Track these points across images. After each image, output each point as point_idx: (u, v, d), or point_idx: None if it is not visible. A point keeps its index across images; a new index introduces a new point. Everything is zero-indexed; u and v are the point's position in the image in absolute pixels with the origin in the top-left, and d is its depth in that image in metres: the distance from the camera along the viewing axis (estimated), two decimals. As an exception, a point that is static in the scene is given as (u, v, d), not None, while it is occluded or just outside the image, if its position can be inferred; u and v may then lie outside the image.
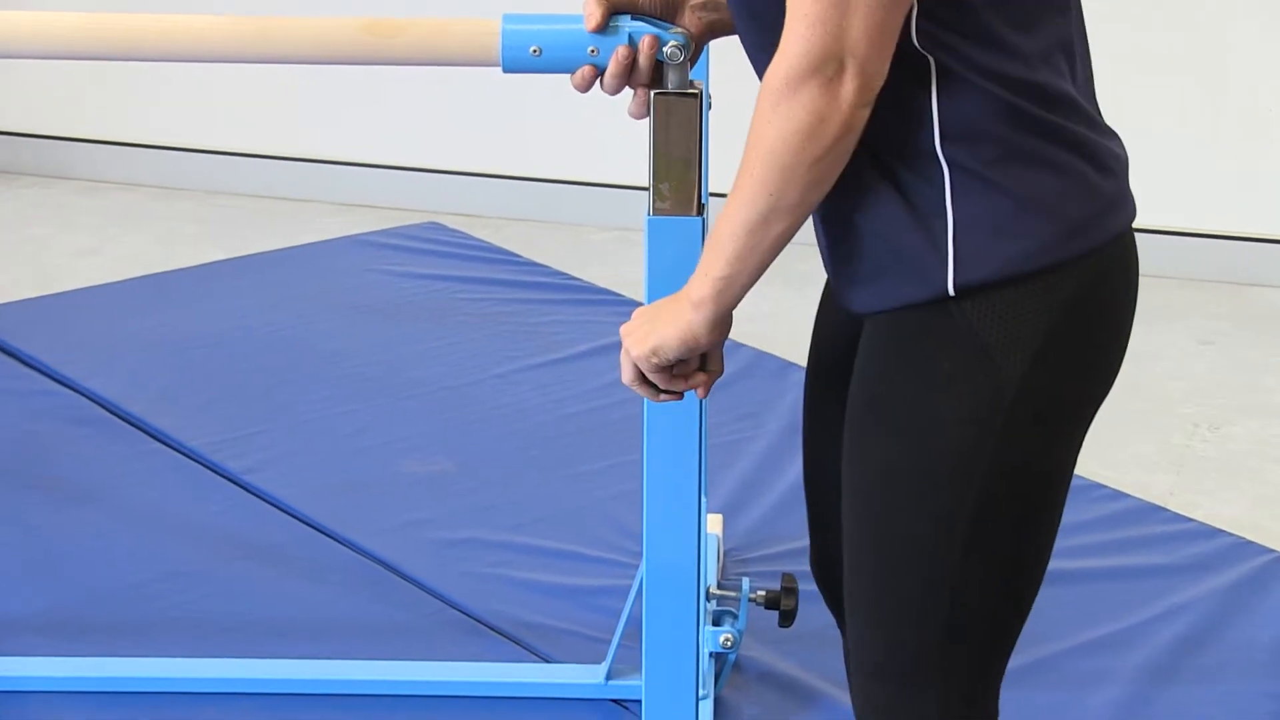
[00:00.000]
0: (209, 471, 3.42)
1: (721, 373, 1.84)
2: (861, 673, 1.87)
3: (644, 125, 1.98)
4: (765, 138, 1.65)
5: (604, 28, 1.93)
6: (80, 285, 4.41)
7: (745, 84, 1.89)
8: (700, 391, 1.84)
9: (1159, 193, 4.62)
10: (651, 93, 1.91)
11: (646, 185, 1.96)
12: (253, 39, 2.00)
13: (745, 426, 3.59)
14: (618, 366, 1.84)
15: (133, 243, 4.91)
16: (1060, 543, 3.17)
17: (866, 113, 1.64)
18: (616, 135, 4.46)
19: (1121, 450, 3.67)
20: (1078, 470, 3.50)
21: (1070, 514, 3.26)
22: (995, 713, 1.88)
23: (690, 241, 1.93)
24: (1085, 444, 3.67)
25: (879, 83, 1.64)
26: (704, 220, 1.94)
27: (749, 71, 1.78)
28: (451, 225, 4.80)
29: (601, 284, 4.40)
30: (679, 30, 1.94)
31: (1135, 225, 1.80)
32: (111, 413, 3.63)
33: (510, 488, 3.39)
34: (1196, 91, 4.55)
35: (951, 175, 1.69)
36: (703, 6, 2.00)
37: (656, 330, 1.78)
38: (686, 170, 1.92)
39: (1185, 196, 4.63)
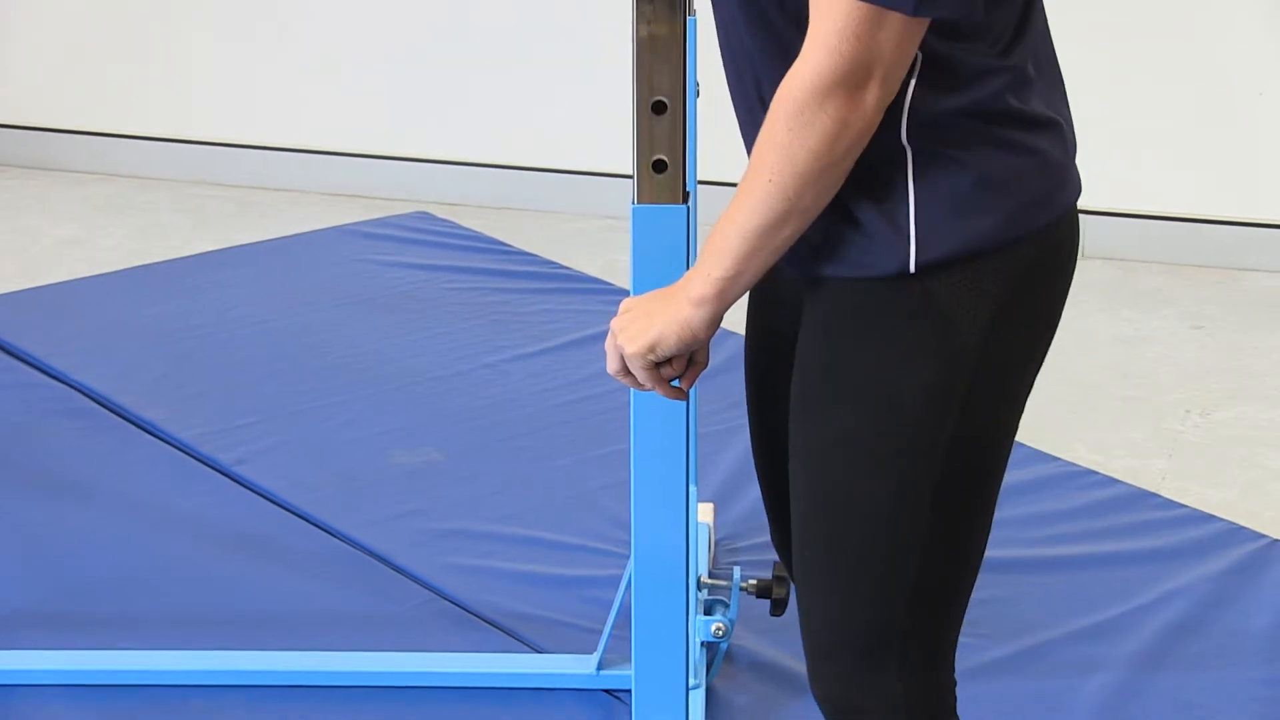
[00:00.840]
0: (198, 463, 3.41)
1: (707, 365, 1.84)
2: (819, 653, 1.87)
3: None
4: (787, 146, 1.66)
5: None
6: (67, 277, 4.40)
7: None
8: (684, 383, 1.84)
9: (1149, 178, 4.62)
10: None
11: (631, 174, 1.95)
12: None
13: (736, 415, 3.55)
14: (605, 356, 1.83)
15: (119, 234, 4.89)
16: (1051, 529, 3.21)
17: (880, 118, 1.67)
18: (605, 123, 4.46)
19: (1113, 435, 3.67)
20: (1068, 456, 3.53)
21: (1061, 500, 3.31)
22: (953, 682, 1.91)
23: (675, 230, 1.91)
24: (1077, 428, 3.69)
25: (894, 93, 1.67)
26: (689, 209, 1.92)
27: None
28: (440, 215, 4.79)
29: (590, 273, 4.39)
30: None
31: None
32: (100, 404, 3.63)
33: (500, 478, 3.38)
34: (1186, 76, 4.55)
35: (914, 156, 1.72)
36: None
37: (653, 326, 1.78)
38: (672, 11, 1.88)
39: (1175, 181, 4.62)
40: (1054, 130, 1.80)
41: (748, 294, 1.96)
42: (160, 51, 5.28)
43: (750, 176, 1.69)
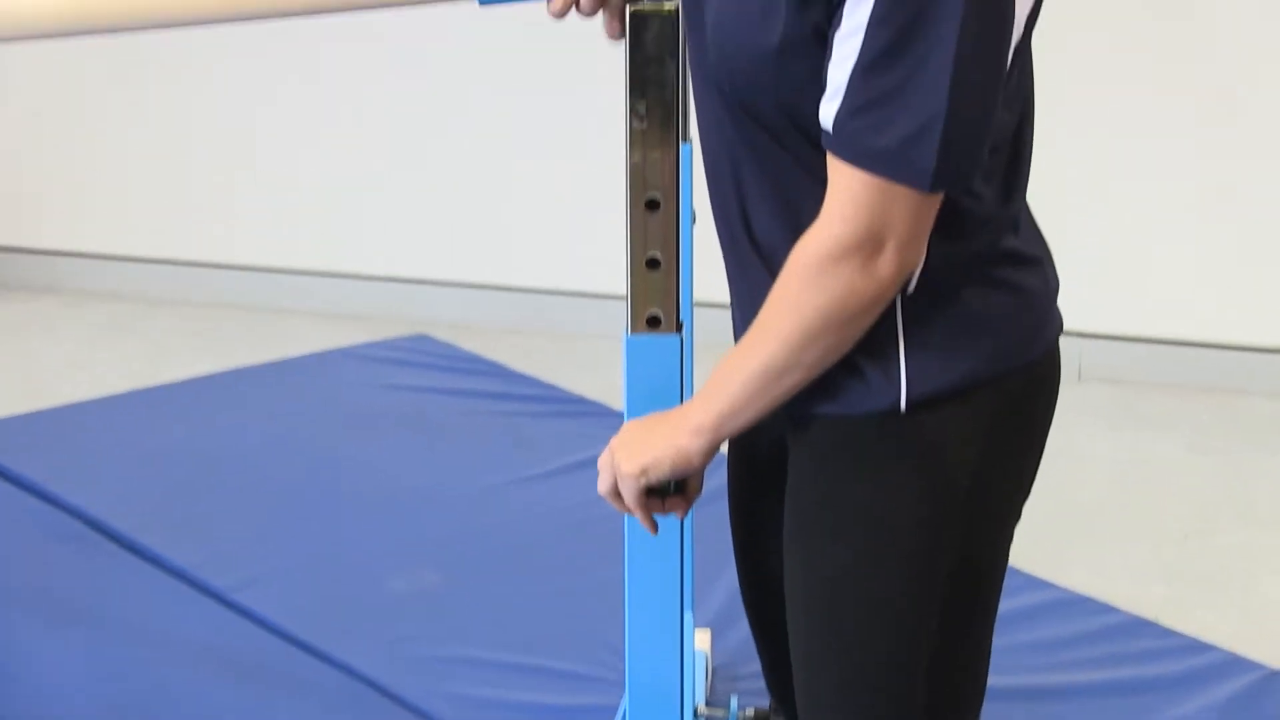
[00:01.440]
0: (195, 589, 3.40)
1: (700, 493, 1.84)
2: None
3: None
4: (797, 303, 1.68)
5: None
6: (69, 399, 4.40)
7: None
8: (678, 512, 1.85)
9: (1149, 302, 4.63)
10: (626, 7, 1.88)
11: (625, 296, 1.95)
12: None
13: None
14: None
15: (121, 356, 4.90)
16: (1049, 657, 3.19)
17: (897, 288, 1.68)
18: (603, 244, 4.47)
19: (1112, 559, 3.66)
20: (1066, 582, 3.51)
21: (1059, 627, 3.29)
22: None
23: (669, 360, 1.91)
24: (1076, 552, 3.67)
25: (917, 263, 1.69)
26: (682, 338, 1.92)
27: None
28: (440, 336, 4.80)
29: (590, 395, 4.39)
30: None
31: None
32: (98, 529, 3.62)
33: (499, 603, 3.37)
34: (1188, 204, 4.57)
35: (903, 299, 1.74)
36: None
37: (650, 449, 1.79)
38: (662, 89, 1.89)
39: (1176, 306, 4.63)
40: (1039, 267, 1.82)
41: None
42: (163, 173, 5.31)
43: (760, 323, 1.71)
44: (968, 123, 1.61)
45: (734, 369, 1.73)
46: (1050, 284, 1.84)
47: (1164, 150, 4.55)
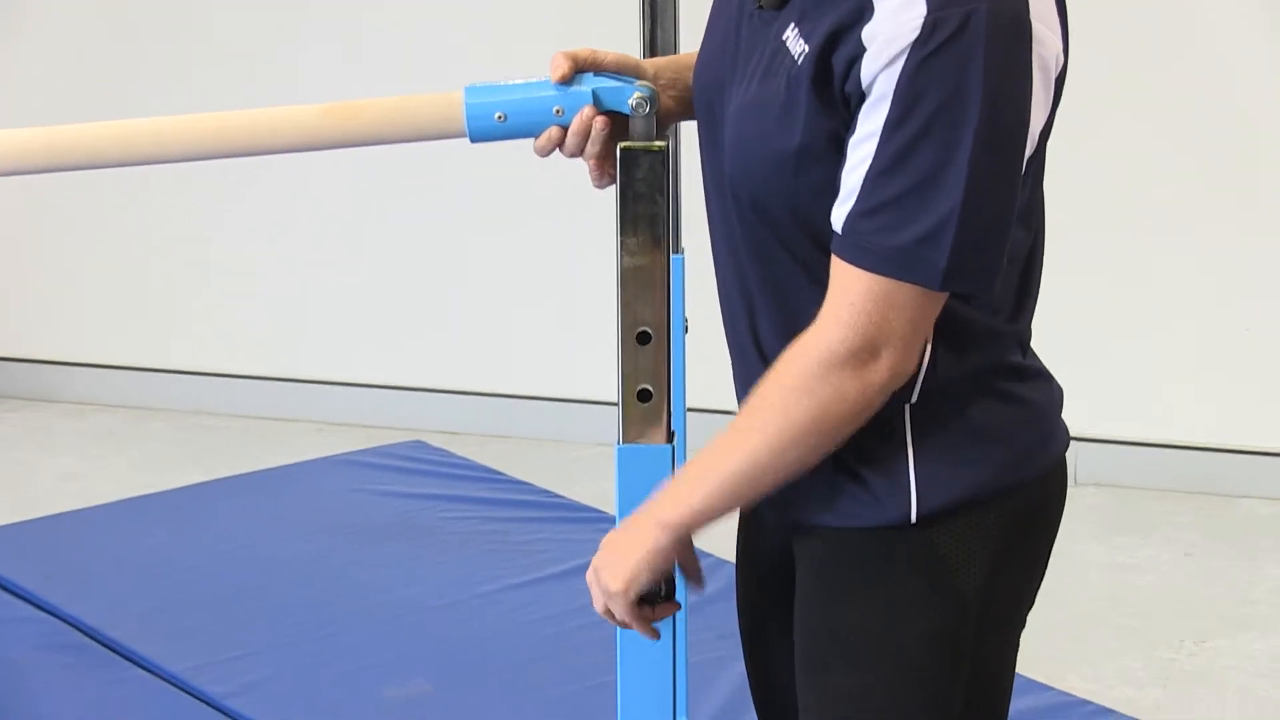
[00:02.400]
0: (190, 697, 3.39)
1: (701, 580, 1.84)
2: None
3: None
4: (785, 404, 1.68)
5: (570, 80, 1.91)
6: (63, 509, 4.40)
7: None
8: (675, 610, 1.84)
9: (1138, 406, 4.64)
10: (617, 145, 1.90)
11: (617, 404, 1.97)
12: (212, 134, 2.00)
13: (727, 645, 3.53)
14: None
15: (115, 465, 4.91)
16: (1047, 761, 3.17)
17: (886, 397, 1.68)
18: (597, 351, 4.49)
19: (1107, 664, 3.65)
20: (1062, 686, 3.50)
21: (1057, 732, 3.27)
22: None
23: (660, 470, 1.92)
24: (1071, 657, 3.66)
25: (909, 372, 1.68)
26: (673, 449, 1.93)
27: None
28: (434, 443, 4.81)
29: (585, 501, 4.39)
30: (644, 83, 1.93)
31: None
32: (92, 638, 3.61)
33: (492, 711, 3.36)
34: (1184, 309, 4.59)
35: (913, 410, 1.74)
36: (671, 85, 1.99)
37: (628, 561, 1.78)
38: (653, 225, 1.91)
39: (1163, 410, 4.64)
40: (1045, 381, 1.82)
41: (736, 538, 1.97)
42: (155, 284, 5.33)
43: (741, 422, 1.71)
44: (983, 225, 1.62)
45: (710, 466, 1.73)
46: (1056, 397, 1.84)
47: (1159, 257, 4.57)
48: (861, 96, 1.63)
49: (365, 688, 3.43)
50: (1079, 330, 4.56)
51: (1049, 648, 3.64)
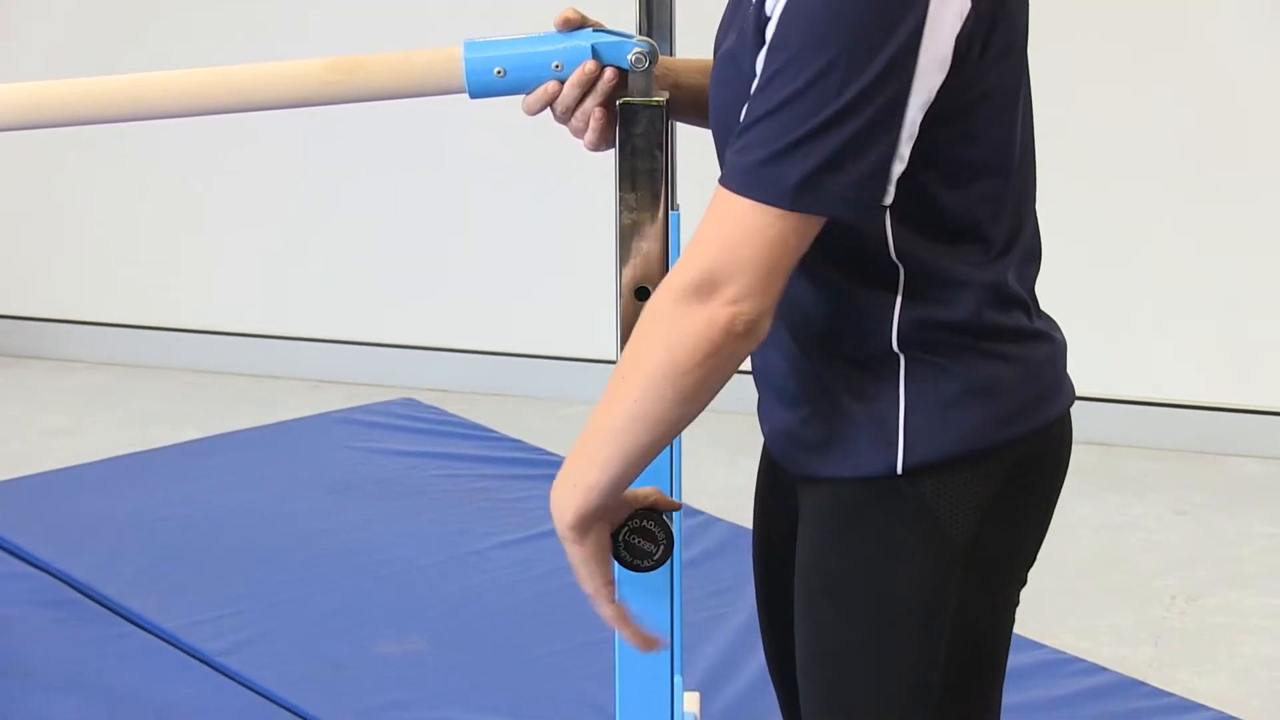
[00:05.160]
0: (182, 653, 3.39)
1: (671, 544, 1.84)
2: None
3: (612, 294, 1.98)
4: (638, 345, 1.66)
5: (574, 27, 1.90)
6: (54, 466, 4.40)
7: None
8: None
9: (1130, 365, 4.65)
10: (616, 101, 1.89)
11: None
12: (216, 88, 1.99)
13: (721, 602, 3.57)
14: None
15: (106, 422, 4.90)
16: (1039, 716, 3.19)
17: (744, 346, 1.64)
18: (589, 308, 4.49)
19: (1099, 621, 3.66)
20: (1054, 644, 3.51)
21: (1049, 687, 3.29)
22: None
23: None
24: (1063, 614, 3.67)
25: (760, 321, 1.64)
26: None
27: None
28: (425, 400, 4.81)
29: (577, 459, 4.39)
30: (643, 38, 1.93)
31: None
32: (84, 594, 3.61)
33: (486, 667, 3.36)
34: (1175, 268, 4.59)
35: (906, 363, 1.74)
36: (666, 79, 1.98)
37: (562, 529, 1.79)
38: (652, 180, 1.90)
39: (1156, 369, 4.65)
40: (1042, 341, 1.81)
41: (755, 490, 1.96)
42: (146, 240, 5.32)
43: (612, 374, 1.69)
44: (841, 148, 1.59)
45: (592, 433, 1.71)
46: (1059, 356, 1.83)
47: (1152, 214, 4.58)
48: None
49: (359, 644, 3.44)
50: (1071, 290, 4.56)
51: (1040, 606, 3.64)
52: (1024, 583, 1.85)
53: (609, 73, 1.91)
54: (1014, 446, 1.77)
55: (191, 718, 3.18)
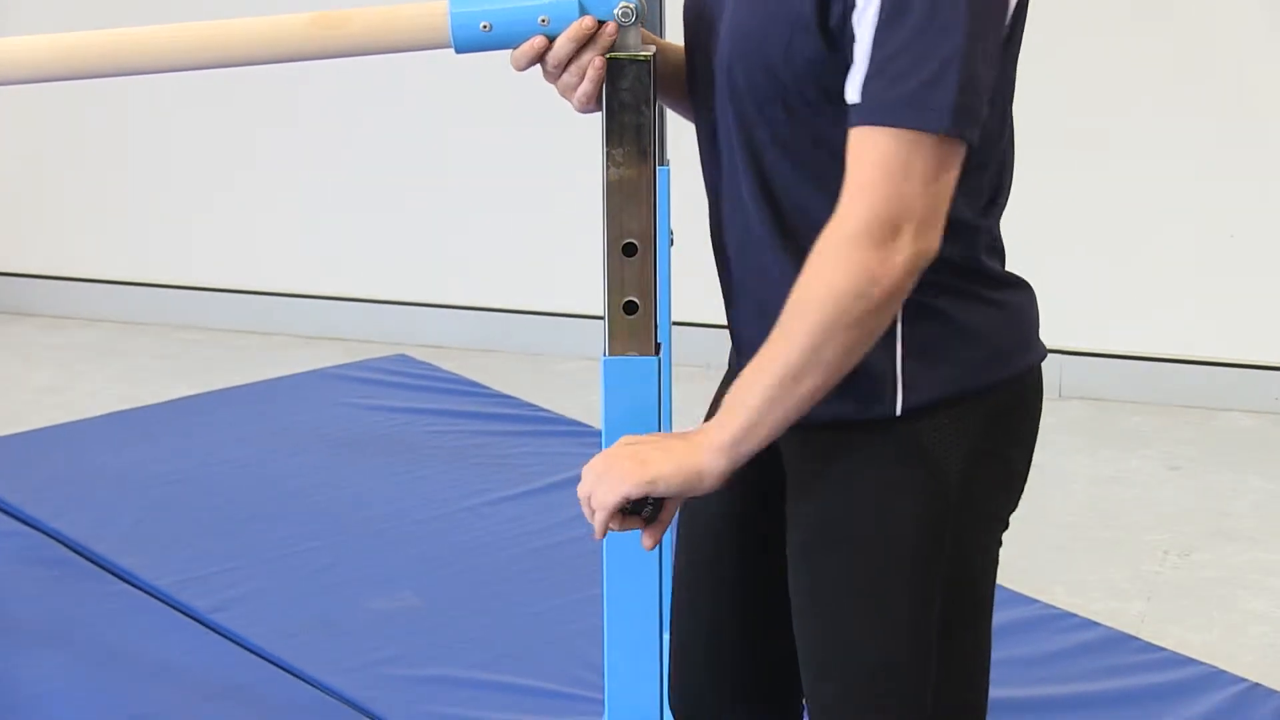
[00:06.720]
0: (174, 611, 3.39)
1: (669, 523, 1.83)
2: None
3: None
4: (813, 293, 1.67)
5: None
6: (46, 423, 4.39)
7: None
8: (646, 542, 1.84)
9: (1122, 320, 4.65)
10: (605, 56, 1.89)
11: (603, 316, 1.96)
12: (199, 43, 1.98)
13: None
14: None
15: (96, 379, 4.90)
16: (1031, 672, 3.20)
17: (914, 281, 1.68)
18: (581, 264, 4.49)
19: (1091, 576, 3.66)
20: (1046, 599, 3.51)
21: (1041, 643, 3.30)
22: None
23: (647, 382, 1.91)
24: (1055, 569, 3.67)
25: (933, 253, 1.68)
26: (659, 361, 1.93)
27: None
28: (419, 357, 4.80)
29: (569, 415, 4.40)
30: None
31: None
32: (76, 552, 3.61)
33: (478, 623, 3.37)
34: (1167, 223, 4.58)
35: (903, 306, 1.74)
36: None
37: (665, 462, 1.75)
38: (639, 135, 1.90)
39: (1148, 323, 4.65)
40: (1022, 289, 1.87)
41: None
42: (141, 197, 5.31)
43: (778, 326, 1.70)
44: (977, 68, 1.65)
45: (752, 380, 1.71)
46: (1033, 307, 1.88)
47: (1145, 170, 4.57)
48: None
49: (352, 601, 3.44)
50: (1063, 245, 4.56)
51: (1033, 561, 3.65)
52: (1007, 526, 1.89)
53: (610, 26, 1.90)
54: (1000, 389, 1.83)
55: (183, 675, 3.18)
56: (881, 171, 1.64)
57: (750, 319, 1.86)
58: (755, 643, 2.03)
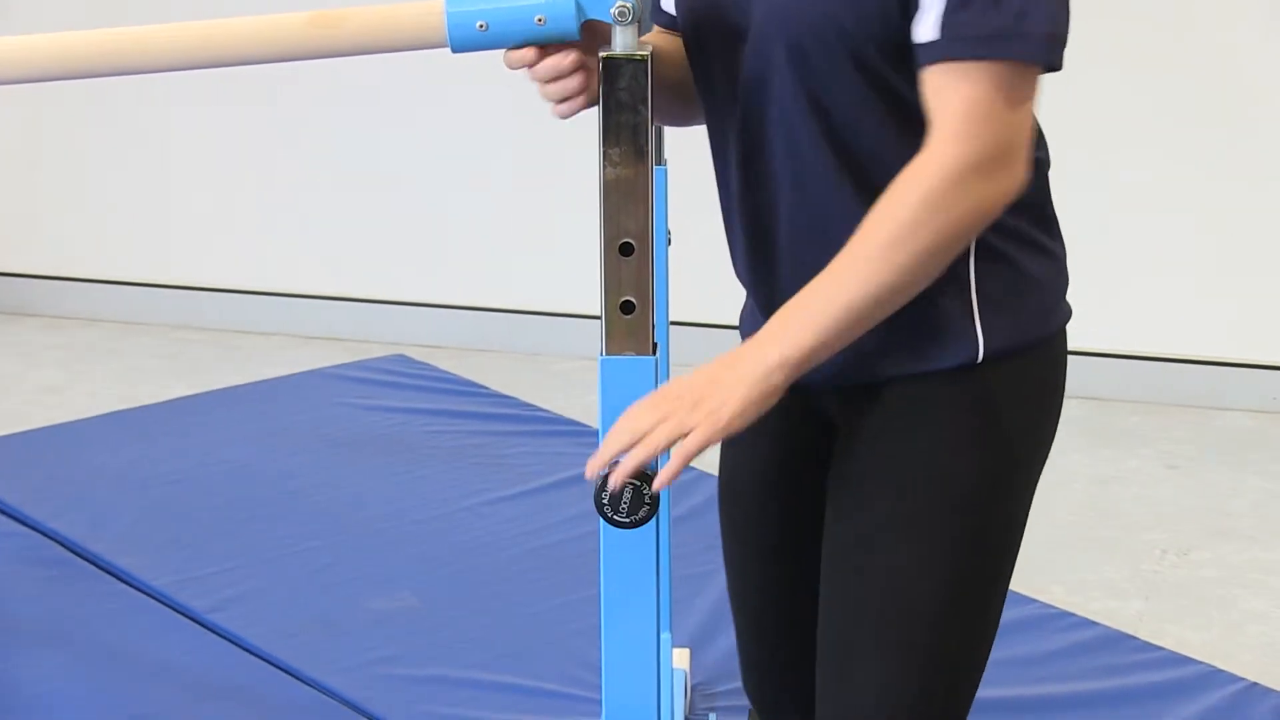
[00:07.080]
0: (172, 611, 3.39)
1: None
2: None
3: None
4: (912, 226, 1.66)
5: None
6: (45, 423, 4.39)
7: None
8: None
9: (1122, 319, 4.65)
10: (600, 55, 1.89)
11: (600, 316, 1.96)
12: (198, 43, 1.98)
13: (713, 557, 3.56)
14: (584, 497, 1.82)
15: (96, 379, 4.90)
16: (1029, 671, 3.20)
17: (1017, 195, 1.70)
18: (578, 264, 4.48)
19: (1090, 575, 3.67)
20: (1045, 598, 3.51)
21: (1039, 642, 3.30)
22: None
23: (644, 382, 1.91)
24: (1054, 569, 3.67)
25: (1026, 180, 1.70)
26: (656, 361, 1.93)
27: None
28: (417, 357, 4.80)
29: (566, 414, 4.39)
30: None
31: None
32: (73, 552, 3.61)
33: (477, 623, 3.36)
34: (1166, 221, 4.58)
35: (976, 249, 1.78)
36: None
37: (738, 391, 1.72)
38: (636, 134, 1.90)
39: (1148, 322, 4.65)
40: (1060, 244, 1.90)
41: (754, 437, 1.93)
42: (141, 197, 5.31)
43: (857, 250, 1.69)
44: (1064, 3, 1.68)
45: (827, 300, 1.69)
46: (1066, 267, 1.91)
47: (1144, 168, 4.57)
48: None
49: (350, 601, 3.44)
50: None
51: (1031, 560, 3.63)
52: (1034, 491, 1.91)
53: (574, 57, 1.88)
54: (1051, 341, 1.86)
55: (183, 675, 3.18)
56: (985, 105, 1.65)
57: (803, 282, 1.82)
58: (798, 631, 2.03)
